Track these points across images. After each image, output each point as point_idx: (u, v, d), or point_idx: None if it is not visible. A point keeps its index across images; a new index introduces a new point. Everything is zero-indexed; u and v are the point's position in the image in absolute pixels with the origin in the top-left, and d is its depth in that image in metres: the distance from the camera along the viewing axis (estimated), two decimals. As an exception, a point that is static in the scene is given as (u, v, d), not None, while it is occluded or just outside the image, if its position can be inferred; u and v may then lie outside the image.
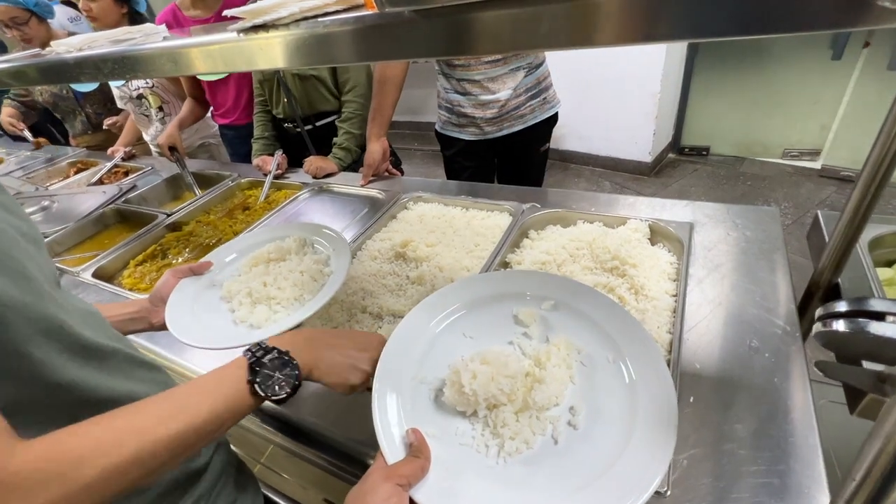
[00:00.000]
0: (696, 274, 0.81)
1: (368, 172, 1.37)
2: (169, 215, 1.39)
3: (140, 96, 2.00)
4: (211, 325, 0.74)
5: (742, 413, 0.58)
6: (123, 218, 1.54)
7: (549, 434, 0.54)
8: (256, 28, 0.57)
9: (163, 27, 1.02)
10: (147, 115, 2.05)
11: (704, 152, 3.20)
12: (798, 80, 2.72)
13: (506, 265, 0.95)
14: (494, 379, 0.55)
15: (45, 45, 2.00)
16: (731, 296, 0.75)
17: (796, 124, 2.85)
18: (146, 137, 2.16)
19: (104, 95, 2.22)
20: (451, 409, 0.57)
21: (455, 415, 0.57)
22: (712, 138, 3.16)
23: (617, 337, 0.60)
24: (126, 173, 1.96)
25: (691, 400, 0.60)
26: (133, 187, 1.69)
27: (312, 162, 1.46)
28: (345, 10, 0.57)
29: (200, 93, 1.91)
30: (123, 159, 2.03)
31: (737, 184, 2.86)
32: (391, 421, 0.54)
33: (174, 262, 1.24)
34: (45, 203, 1.63)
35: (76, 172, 2.10)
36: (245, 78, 1.77)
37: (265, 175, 1.54)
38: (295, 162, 1.59)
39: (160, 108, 2.03)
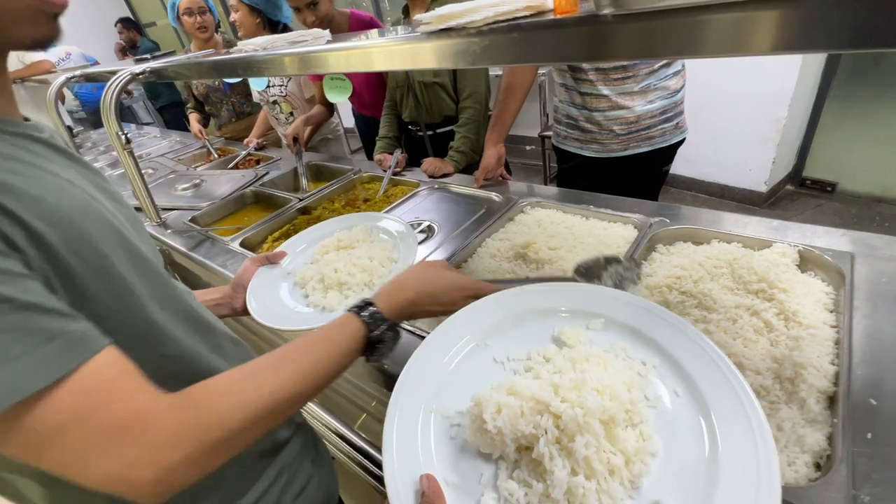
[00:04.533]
0: (862, 307, 0.74)
1: (482, 175, 1.41)
2: (301, 200, 1.54)
3: (275, 102, 2.25)
4: (287, 309, 0.81)
5: (933, 460, 0.52)
6: (258, 199, 1.73)
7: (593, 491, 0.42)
8: (446, 31, 0.63)
9: (326, 32, 1.14)
10: (278, 119, 2.31)
11: (830, 188, 2.89)
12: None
13: (634, 276, 0.93)
14: (525, 414, 0.45)
15: (209, 39, 2.30)
16: (908, 334, 0.68)
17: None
18: (279, 131, 2.42)
19: (246, 87, 2.51)
20: (474, 451, 0.47)
21: (479, 457, 0.47)
22: (841, 173, 2.85)
23: (697, 376, 0.47)
24: (258, 161, 2.20)
25: (869, 437, 0.56)
26: (266, 173, 1.89)
27: (431, 162, 1.54)
28: (532, 16, 0.61)
29: (322, 97, 2.11)
30: (256, 149, 2.28)
31: (872, 225, 2.54)
32: (403, 463, 0.45)
33: (304, 241, 1.37)
34: (196, 181, 1.87)
35: (214, 158, 2.39)
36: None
37: (384, 171, 1.65)
38: (412, 162, 1.69)
39: (290, 114, 2.27)
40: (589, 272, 0.70)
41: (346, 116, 2.56)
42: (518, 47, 0.57)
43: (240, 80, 2.46)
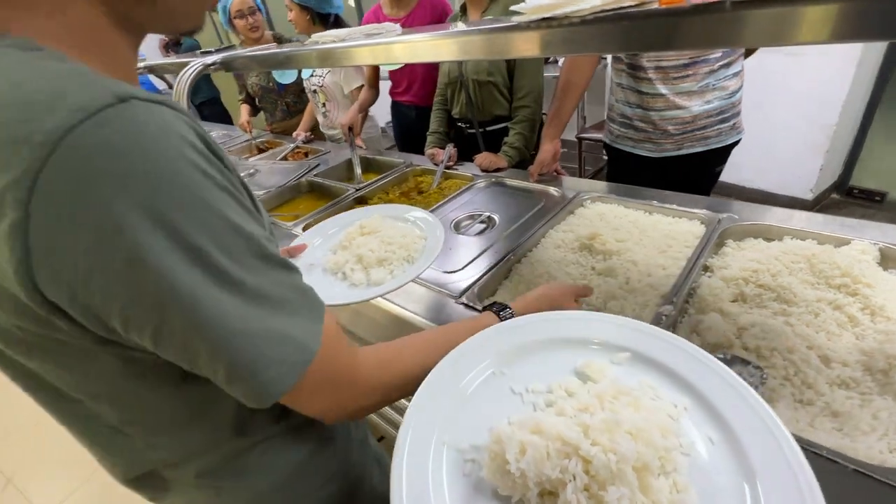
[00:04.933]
0: (953, 305, 0.74)
1: (538, 170, 1.43)
2: (357, 189, 1.58)
3: (315, 91, 2.32)
4: (330, 291, 0.82)
5: None
6: (312, 188, 1.78)
7: None
8: (546, 20, 0.65)
9: (398, 26, 1.18)
10: (317, 107, 2.38)
11: (879, 198, 2.81)
12: None
13: (706, 269, 0.94)
14: (551, 456, 0.41)
15: (260, 38, 2.38)
16: None
17: None
18: (320, 121, 2.48)
19: (298, 87, 2.58)
20: (490, 491, 0.43)
21: (496, 499, 0.43)
22: (891, 183, 2.77)
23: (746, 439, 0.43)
24: (305, 154, 2.26)
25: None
26: (317, 164, 1.95)
27: (485, 157, 1.57)
28: (636, 6, 0.62)
29: (376, 80, 2.16)
30: (304, 142, 2.34)
31: (923, 236, 2.46)
32: (413, 500, 0.41)
33: (362, 229, 1.40)
34: (251, 171, 1.94)
35: (262, 151, 2.46)
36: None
37: (436, 165, 1.68)
38: (461, 157, 1.71)
39: (324, 104, 2.33)
40: None
41: (380, 116, 2.59)
42: (627, 36, 0.59)
43: (294, 80, 2.54)
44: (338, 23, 2.13)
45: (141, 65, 2.16)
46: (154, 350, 0.37)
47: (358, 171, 1.79)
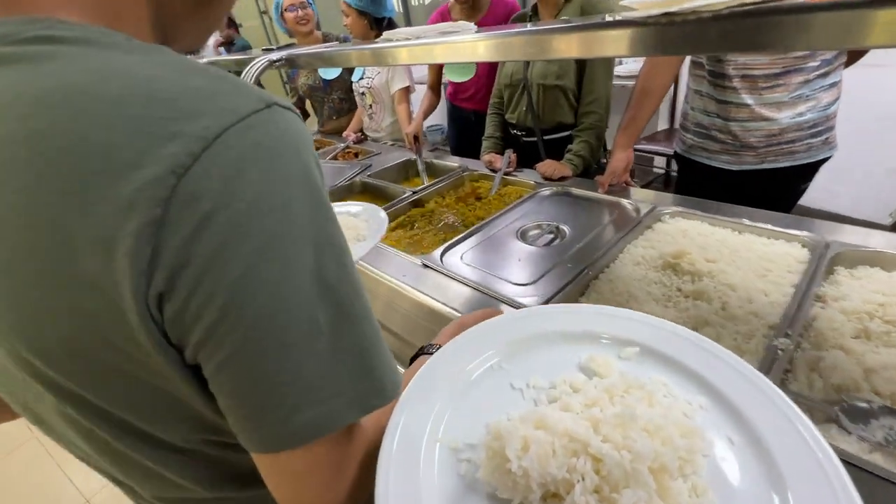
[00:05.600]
0: None
1: (609, 180, 1.35)
2: (414, 193, 1.54)
3: (363, 93, 2.31)
4: None
5: None
6: (366, 189, 1.76)
7: None
8: (664, 16, 0.58)
9: (472, 25, 1.13)
10: (364, 109, 2.37)
11: (965, 225, 2.57)
12: None
13: (818, 298, 0.84)
14: (557, 454, 0.37)
15: (310, 33, 2.38)
16: None
17: None
18: (365, 123, 2.47)
19: (344, 83, 2.58)
20: (488, 494, 0.39)
21: (493, 502, 0.38)
22: (981, 210, 2.53)
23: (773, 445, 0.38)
24: (356, 155, 2.25)
25: None
26: (370, 165, 1.93)
27: (549, 164, 1.50)
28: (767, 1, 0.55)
29: (438, 83, 2.13)
30: (354, 142, 2.33)
31: None
32: (399, 501, 0.37)
33: (420, 232, 1.36)
34: (305, 168, 1.93)
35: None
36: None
37: (492, 170, 1.63)
38: (519, 164, 1.65)
39: (370, 106, 2.32)
40: (853, 412, 0.61)
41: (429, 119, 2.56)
42: (776, 33, 0.51)
43: (338, 75, 2.54)
44: (390, 27, 2.13)
45: (203, 60, 2.21)
46: (211, 374, 0.32)
47: (424, 176, 1.75)
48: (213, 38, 5.33)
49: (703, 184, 1.47)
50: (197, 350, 0.30)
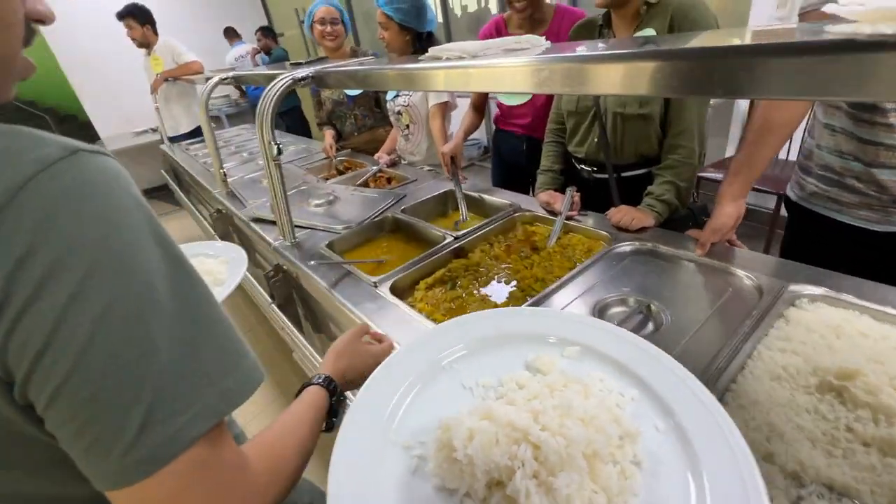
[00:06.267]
0: None
1: (712, 240, 1.05)
2: (456, 238, 1.27)
3: (398, 113, 2.07)
4: None
5: None
6: (398, 227, 1.51)
7: None
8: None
9: (542, 39, 0.87)
10: (400, 130, 2.14)
11: None
12: None
13: None
14: (500, 442, 0.41)
15: (338, 49, 2.19)
16: None
17: None
18: (400, 145, 2.25)
19: (368, 99, 2.37)
20: (437, 487, 0.42)
21: (440, 493, 0.42)
22: None
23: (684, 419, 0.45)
24: (389, 180, 2.02)
25: None
26: (403, 196, 1.68)
27: (626, 211, 1.21)
28: None
29: (484, 103, 1.88)
30: (388, 165, 2.10)
31: None
32: (351, 498, 0.40)
33: (463, 294, 1.09)
34: (330, 198, 1.71)
35: (341, 172, 2.26)
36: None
37: (551, 213, 1.35)
38: (584, 206, 1.36)
39: (407, 126, 2.08)
40: None
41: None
42: None
43: (361, 92, 2.33)
44: (430, 41, 1.91)
45: (231, 73, 2.03)
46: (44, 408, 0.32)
47: (463, 209, 1.50)
48: (250, 47, 5.30)
49: (826, 244, 1.14)
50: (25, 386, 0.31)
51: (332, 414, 0.57)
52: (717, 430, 0.43)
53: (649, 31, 1.14)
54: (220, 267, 1.17)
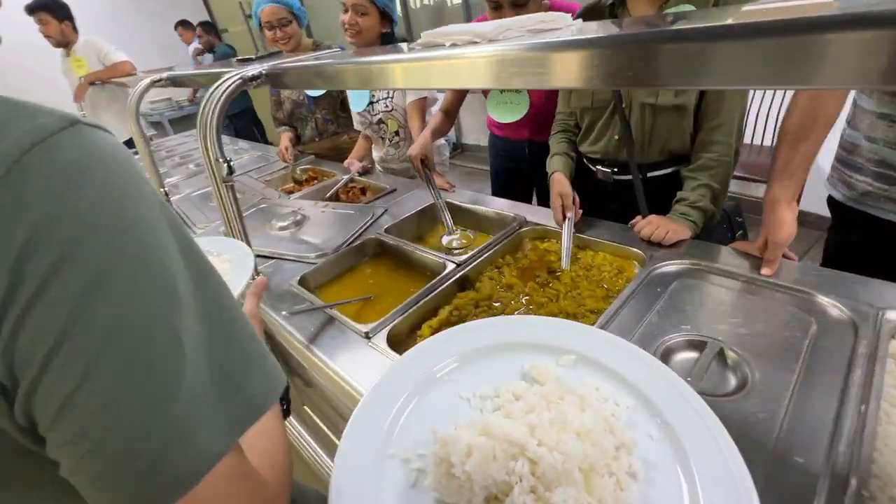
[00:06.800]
0: None
1: (777, 256, 0.88)
2: (458, 266, 1.05)
3: (380, 121, 1.83)
4: None
5: None
6: (384, 250, 1.27)
7: None
8: None
9: (569, 16, 0.66)
10: (383, 138, 1.89)
11: None
12: None
13: None
14: (497, 458, 0.41)
15: (296, 48, 1.95)
16: None
17: None
18: (374, 156, 2.00)
19: (332, 101, 2.12)
20: (436, 501, 0.42)
21: None
22: None
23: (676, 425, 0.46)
24: (363, 190, 1.77)
25: None
26: (384, 211, 1.44)
27: (658, 222, 1.02)
28: None
29: (455, 109, 1.67)
30: (360, 174, 1.85)
31: None
32: None
33: (478, 340, 0.88)
34: (298, 217, 1.44)
35: (306, 181, 1.99)
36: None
37: (557, 217, 1.13)
38: (592, 213, 1.17)
39: (396, 133, 1.85)
40: None
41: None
42: None
43: (324, 93, 2.07)
44: (394, 37, 1.71)
45: (165, 74, 1.71)
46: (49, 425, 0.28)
47: (447, 219, 1.28)
48: (192, 46, 4.82)
49: (886, 250, 1.01)
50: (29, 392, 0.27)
51: (287, 401, 0.53)
52: (709, 437, 0.44)
53: (685, 7, 0.95)
54: (223, 266, 0.95)
